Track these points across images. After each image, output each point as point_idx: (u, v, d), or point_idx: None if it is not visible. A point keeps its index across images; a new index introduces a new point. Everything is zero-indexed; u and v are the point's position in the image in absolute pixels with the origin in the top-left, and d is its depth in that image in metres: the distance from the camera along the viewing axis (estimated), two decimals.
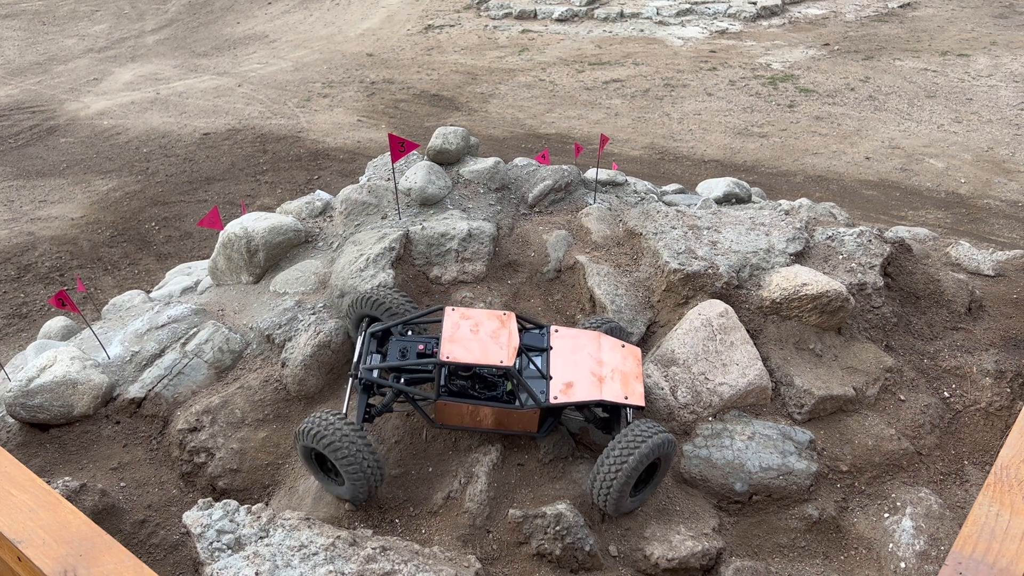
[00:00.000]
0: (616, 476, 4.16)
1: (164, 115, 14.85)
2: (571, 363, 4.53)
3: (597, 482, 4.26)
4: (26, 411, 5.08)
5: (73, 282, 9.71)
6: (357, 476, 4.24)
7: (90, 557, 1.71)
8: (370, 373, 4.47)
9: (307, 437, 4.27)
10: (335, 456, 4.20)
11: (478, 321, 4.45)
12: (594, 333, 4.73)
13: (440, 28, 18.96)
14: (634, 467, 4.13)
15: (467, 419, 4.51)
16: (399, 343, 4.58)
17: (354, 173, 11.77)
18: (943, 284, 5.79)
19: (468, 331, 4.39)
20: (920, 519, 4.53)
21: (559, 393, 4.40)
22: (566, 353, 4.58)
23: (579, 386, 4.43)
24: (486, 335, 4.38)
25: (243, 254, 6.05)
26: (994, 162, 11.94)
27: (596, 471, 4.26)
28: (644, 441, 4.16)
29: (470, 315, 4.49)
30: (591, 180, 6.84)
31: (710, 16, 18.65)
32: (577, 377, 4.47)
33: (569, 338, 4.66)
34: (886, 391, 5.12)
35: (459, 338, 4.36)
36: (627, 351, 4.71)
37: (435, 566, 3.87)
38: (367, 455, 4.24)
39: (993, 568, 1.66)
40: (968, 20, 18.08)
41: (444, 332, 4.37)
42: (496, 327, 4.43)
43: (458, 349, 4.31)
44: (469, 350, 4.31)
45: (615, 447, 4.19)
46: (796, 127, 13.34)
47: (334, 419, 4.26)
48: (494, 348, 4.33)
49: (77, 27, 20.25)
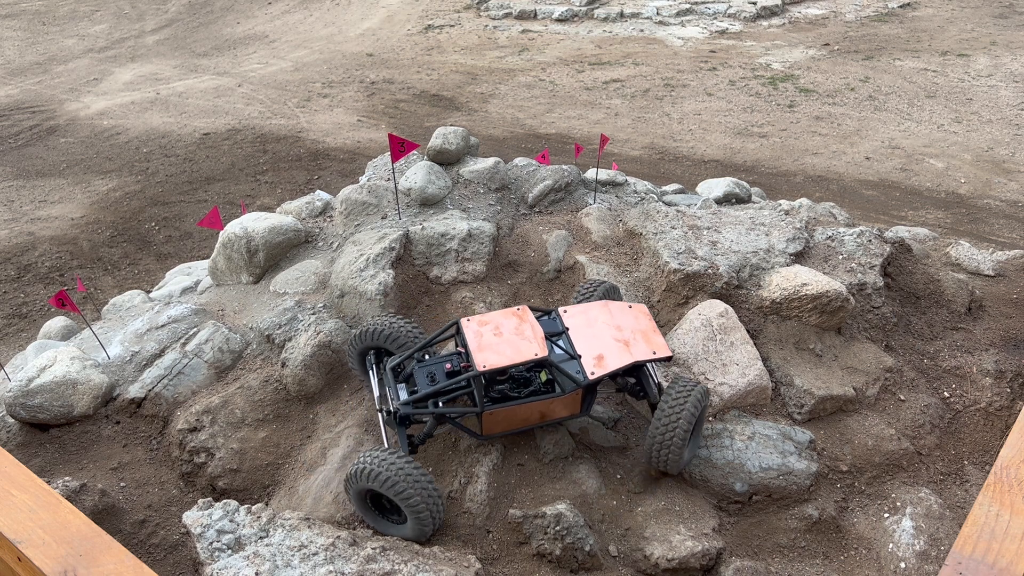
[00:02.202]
0: (675, 434, 4.28)
1: (164, 115, 14.85)
2: (592, 337, 4.53)
3: (657, 447, 4.36)
4: (26, 411, 5.08)
5: (73, 282, 9.71)
6: (422, 511, 4.03)
7: (90, 557, 1.71)
8: (408, 406, 4.30)
9: (362, 478, 4.04)
10: (397, 494, 3.98)
11: (497, 323, 4.41)
12: (600, 303, 4.75)
13: (440, 28, 18.96)
14: (688, 423, 4.29)
15: (514, 422, 4.46)
16: (423, 368, 4.45)
17: (354, 173, 11.77)
18: (943, 284, 5.79)
19: (492, 336, 4.34)
20: (920, 519, 4.53)
21: (593, 368, 4.39)
22: (583, 329, 4.57)
23: (609, 356, 4.44)
24: (511, 334, 4.35)
25: (243, 254, 6.05)
26: (994, 162, 11.95)
27: (654, 438, 4.35)
28: (688, 396, 4.32)
29: (487, 320, 4.44)
30: (591, 180, 6.84)
31: (710, 16, 18.66)
32: (604, 348, 4.48)
33: (580, 314, 4.66)
34: (886, 391, 5.12)
35: (487, 344, 4.29)
36: (636, 310, 4.77)
37: (435, 566, 3.87)
38: (431, 488, 4.06)
39: (993, 568, 1.67)
40: (968, 20, 18.08)
41: (470, 343, 4.28)
42: (516, 324, 4.41)
43: (491, 355, 4.24)
44: (502, 353, 4.25)
45: (664, 409, 4.32)
46: (796, 127, 13.34)
47: (388, 455, 4.05)
48: (524, 344, 4.30)
49: (77, 27, 20.25)
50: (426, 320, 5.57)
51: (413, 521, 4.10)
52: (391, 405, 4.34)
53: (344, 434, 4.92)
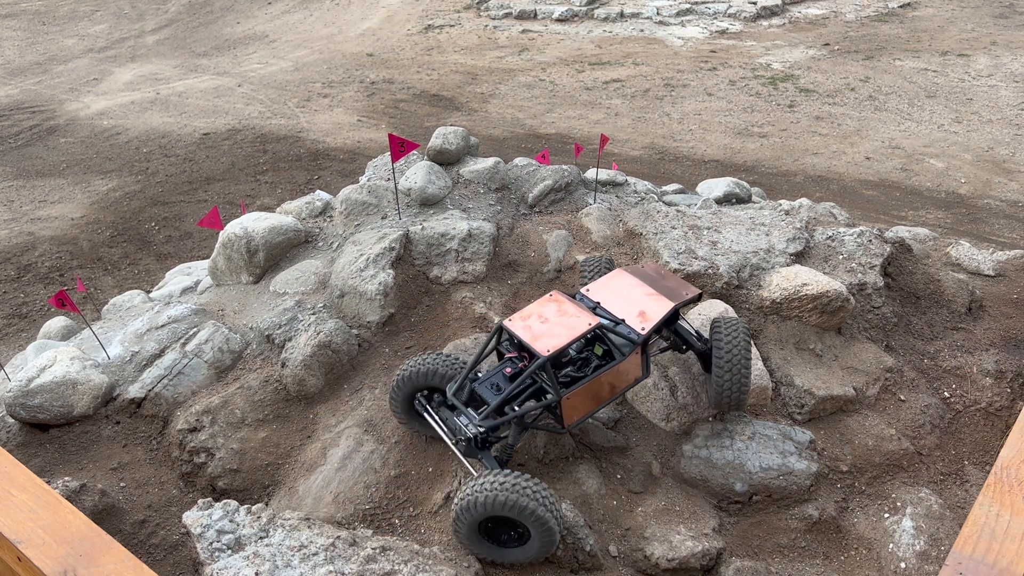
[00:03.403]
0: (743, 367, 4.41)
1: (164, 115, 14.85)
2: (624, 300, 4.54)
3: (728, 385, 4.44)
4: (26, 411, 5.08)
5: (73, 282, 9.71)
6: (551, 526, 3.83)
7: (90, 557, 1.71)
8: (489, 421, 4.13)
9: (481, 507, 3.77)
10: (527, 515, 3.77)
11: (538, 313, 4.36)
12: (615, 271, 4.77)
13: (440, 28, 18.96)
14: (748, 352, 4.42)
15: (589, 402, 4.37)
16: (483, 384, 4.32)
17: (354, 173, 11.77)
18: (943, 284, 5.79)
19: (540, 324, 4.27)
20: (920, 519, 4.53)
21: (641, 324, 4.39)
22: (612, 298, 4.57)
23: (649, 310, 4.46)
24: (556, 317, 4.31)
25: (243, 254, 6.05)
26: (994, 162, 11.95)
27: (723, 378, 4.44)
28: (737, 329, 4.47)
29: (527, 313, 4.38)
30: (591, 180, 6.84)
31: (710, 16, 18.66)
32: (640, 306, 4.49)
33: (603, 287, 4.66)
34: (886, 391, 5.12)
35: (539, 333, 4.22)
36: (648, 267, 4.84)
37: (435, 566, 3.86)
38: (553, 499, 3.88)
39: (993, 568, 1.67)
40: (968, 20, 18.09)
41: (523, 337, 4.20)
42: (556, 308, 4.38)
43: (549, 340, 4.15)
44: (557, 335, 4.18)
45: (723, 347, 4.43)
46: (796, 127, 13.35)
47: (502, 477, 3.82)
48: (573, 320, 4.26)
49: (77, 27, 20.25)
50: (426, 320, 5.57)
51: (540, 538, 3.89)
52: (470, 431, 4.12)
53: (344, 434, 4.92)
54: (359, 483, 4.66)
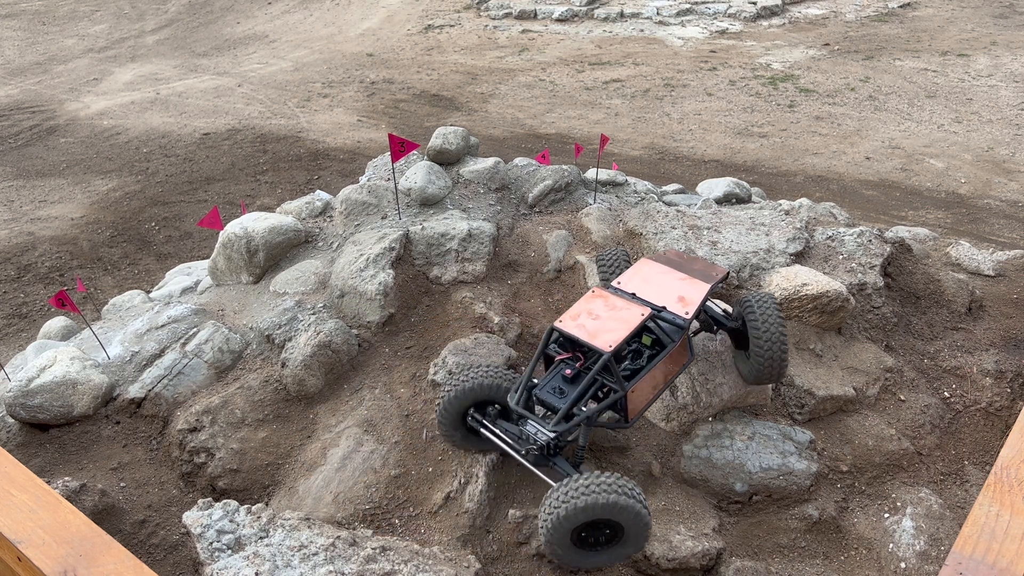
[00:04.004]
0: (781, 338, 4.43)
1: (164, 115, 14.85)
2: (659, 288, 4.54)
3: (768, 359, 4.48)
4: (26, 411, 5.08)
5: (73, 282, 9.71)
6: (645, 523, 3.76)
7: (90, 557, 1.71)
8: (562, 426, 4.03)
9: (582, 513, 3.63)
10: (628, 513, 3.68)
11: (587, 310, 4.34)
12: (642, 260, 4.78)
13: (440, 28, 18.96)
14: (784, 326, 4.48)
15: (648, 392, 4.37)
16: (544, 391, 4.22)
17: (354, 173, 11.78)
18: (943, 284, 5.79)
19: (591, 321, 4.25)
20: (920, 519, 4.53)
21: (684, 309, 4.39)
22: (647, 287, 4.57)
23: (687, 295, 4.47)
24: (604, 312, 4.29)
25: (243, 254, 6.05)
26: (994, 162, 11.95)
27: (763, 352, 4.47)
28: (767, 303, 4.51)
29: (576, 312, 4.35)
30: (591, 180, 6.84)
31: (710, 16, 18.66)
32: (677, 291, 4.50)
33: (634, 277, 4.66)
34: (886, 391, 5.12)
35: (595, 330, 4.18)
36: (670, 253, 4.88)
37: (435, 566, 3.87)
38: (643, 495, 3.81)
39: (993, 568, 1.67)
40: (968, 20, 18.09)
41: (579, 336, 4.16)
42: (602, 302, 4.37)
43: (607, 335, 4.12)
44: (614, 330, 4.16)
45: (759, 321, 4.47)
46: (796, 127, 13.35)
47: (598, 477, 3.71)
48: (626, 312, 4.25)
49: (77, 27, 20.25)
50: (426, 320, 5.57)
51: (636, 535, 3.80)
52: (541, 439, 4.02)
53: (344, 434, 4.93)
54: (359, 483, 4.66)
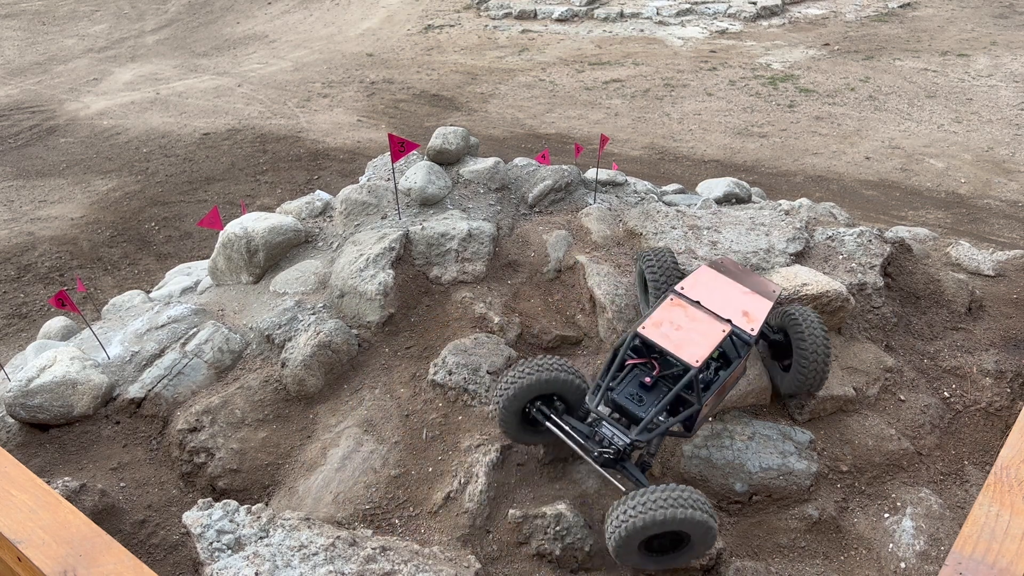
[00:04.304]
0: (826, 350, 4.56)
1: (164, 115, 14.86)
2: (724, 300, 4.51)
3: (811, 376, 4.58)
4: (26, 411, 5.08)
5: (73, 282, 9.71)
6: (712, 533, 3.82)
7: (90, 557, 1.71)
8: (645, 434, 4.04)
9: (658, 525, 3.66)
10: (699, 527, 3.73)
11: (669, 319, 4.29)
12: (702, 268, 4.76)
13: (440, 28, 18.97)
14: (828, 344, 4.60)
15: (714, 404, 4.38)
16: (622, 395, 4.19)
17: (354, 173, 11.78)
18: (943, 284, 5.79)
19: (675, 332, 4.22)
20: (920, 519, 4.53)
21: (749, 325, 4.38)
22: (712, 297, 4.53)
23: (751, 310, 4.47)
24: (686, 323, 4.26)
25: (243, 254, 6.05)
26: (994, 162, 11.95)
27: (808, 370, 4.56)
28: (810, 317, 4.63)
29: (658, 320, 4.29)
30: (591, 180, 6.84)
31: (710, 16, 18.66)
32: (742, 305, 4.49)
33: (697, 285, 4.61)
34: (886, 391, 5.11)
35: (680, 341, 4.15)
36: (726, 262, 4.89)
37: (435, 566, 3.87)
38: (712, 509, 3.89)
39: (993, 568, 1.67)
40: (968, 20, 18.09)
41: (667, 346, 4.14)
42: (682, 312, 4.33)
43: (692, 348, 4.10)
44: (698, 343, 4.14)
45: (806, 340, 4.55)
46: (796, 127, 13.35)
47: (671, 491, 3.73)
48: (705, 326, 4.23)
49: (77, 27, 20.26)
50: (426, 320, 5.57)
51: (702, 542, 3.85)
52: (619, 443, 4.02)
53: (344, 434, 4.93)
54: (359, 483, 4.66)
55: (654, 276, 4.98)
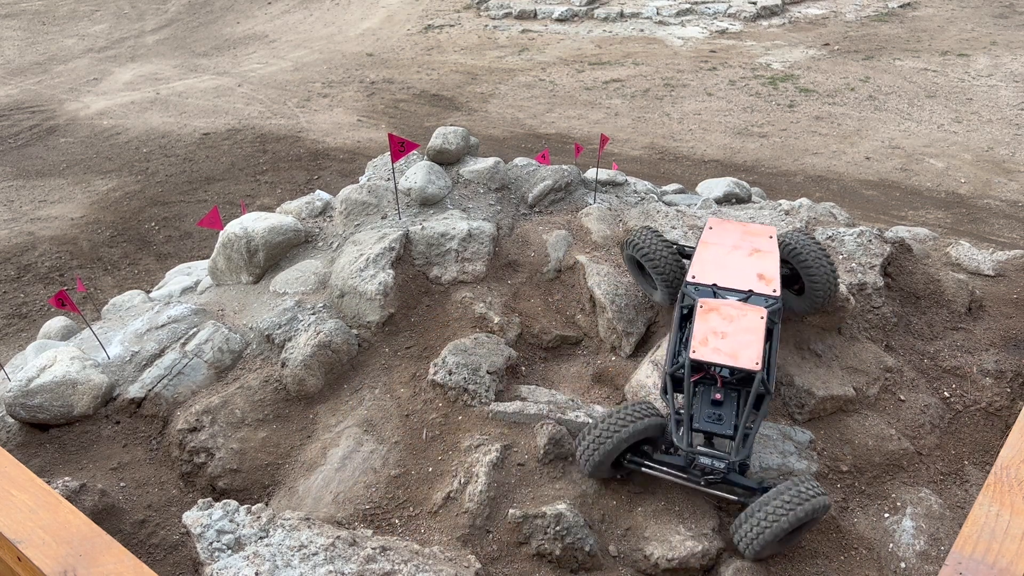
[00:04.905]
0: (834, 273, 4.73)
1: (164, 115, 14.86)
2: (735, 270, 4.49)
3: (824, 293, 4.72)
4: (26, 411, 5.08)
5: (73, 282, 9.71)
6: (828, 508, 4.09)
7: (90, 557, 1.71)
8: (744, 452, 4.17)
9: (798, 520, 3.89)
10: (823, 510, 4.00)
11: (710, 331, 4.25)
12: (699, 245, 4.76)
13: (440, 28, 18.97)
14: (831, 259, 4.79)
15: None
16: (702, 422, 4.23)
17: (354, 173, 11.77)
18: (943, 284, 5.79)
19: (721, 341, 4.18)
20: (920, 519, 4.53)
21: (770, 288, 4.45)
22: (723, 274, 4.52)
23: (763, 270, 4.49)
24: (726, 325, 4.24)
25: (243, 254, 6.05)
26: (994, 162, 11.95)
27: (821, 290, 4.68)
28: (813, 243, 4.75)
29: (702, 336, 4.24)
30: (591, 180, 6.84)
31: (710, 16, 18.66)
32: (753, 269, 4.52)
33: (703, 264, 4.60)
34: (886, 391, 5.11)
35: (732, 349, 4.14)
36: (712, 222, 4.92)
37: (435, 566, 3.87)
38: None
39: (993, 568, 1.67)
40: (968, 20, 18.09)
41: (724, 362, 4.15)
42: (716, 316, 4.27)
43: (746, 351, 4.12)
44: (748, 343, 4.15)
45: (811, 266, 4.68)
46: (796, 127, 13.35)
47: (805, 486, 3.96)
48: (746, 320, 4.22)
49: (77, 27, 20.26)
50: (426, 320, 5.57)
51: (821, 518, 4.15)
52: (724, 465, 4.12)
53: (344, 434, 4.93)
54: (359, 483, 4.66)
55: (648, 258, 5.01)
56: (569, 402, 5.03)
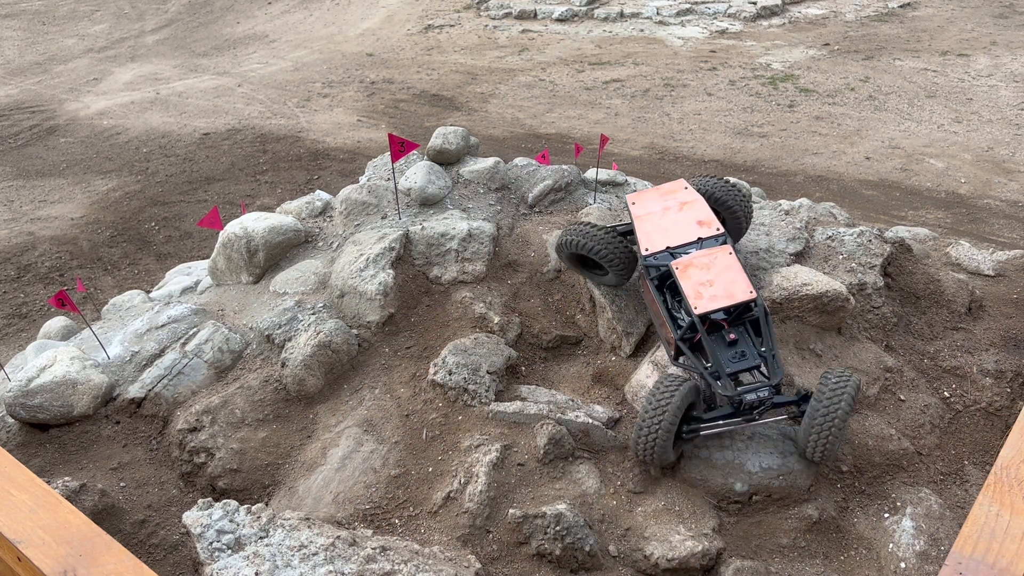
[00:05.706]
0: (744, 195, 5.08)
1: (164, 115, 14.86)
2: (676, 227, 4.69)
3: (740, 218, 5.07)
4: (26, 411, 5.08)
5: (73, 282, 9.71)
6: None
7: (90, 557, 1.71)
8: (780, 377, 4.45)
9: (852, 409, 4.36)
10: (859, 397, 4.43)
11: (697, 282, 4.47)
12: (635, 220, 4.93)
13: (440, 28, 18.97)
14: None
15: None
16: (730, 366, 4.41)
17: (354, 173, 11.77)
18: (943, 284, 5.79)
19: (711, 288, 4.40)
20: (920, 519, 4.53)
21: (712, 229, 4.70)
22: (670, 235, 4.74)
23: (699, 216, 4.69)
24: (708, 274, 4.44)
25: (243, 254, 6.05)
26: (994, 162, 11.95)
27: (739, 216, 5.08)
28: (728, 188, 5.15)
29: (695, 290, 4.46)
30: (591, 180, 6.84)
31: (710, 16, 18.66)
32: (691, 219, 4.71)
33: (648, 235, 4.76)
34: (886, 391, 5.11)
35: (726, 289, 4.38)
36: (634, 198, 5.07)
37: (435, 566, 3.87)
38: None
39: (993, 568, 1.67)
40: (968, 20, 18.09)
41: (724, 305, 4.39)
42: (696, 271, 4.49)
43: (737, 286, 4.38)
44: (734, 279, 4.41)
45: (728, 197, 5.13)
46: (796, 127, 13.35)
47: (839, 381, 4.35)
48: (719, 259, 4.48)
49: (77, 27, 20.26)
50: (426, 320, 5.57)
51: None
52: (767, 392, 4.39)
53: (344, 434, 4.93)
54: (359, 483, 4.66)
55: (594, 251, 5.09)
56: (569, 402, 5.03)
